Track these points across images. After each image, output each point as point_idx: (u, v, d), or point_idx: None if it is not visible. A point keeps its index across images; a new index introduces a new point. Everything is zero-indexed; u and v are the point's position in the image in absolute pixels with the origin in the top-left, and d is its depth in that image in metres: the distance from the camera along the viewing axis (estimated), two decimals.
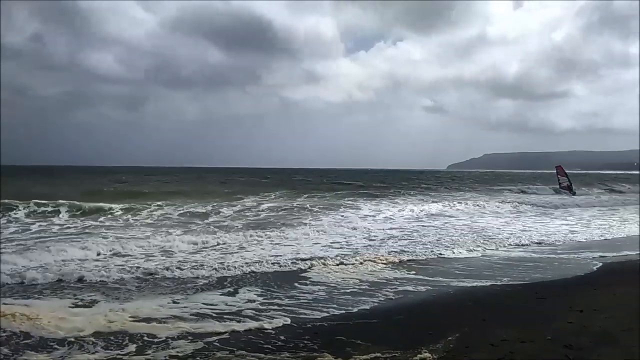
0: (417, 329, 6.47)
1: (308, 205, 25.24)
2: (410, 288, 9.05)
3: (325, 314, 7.32)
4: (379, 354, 5.49)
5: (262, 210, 22.80)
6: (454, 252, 13.04)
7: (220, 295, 8.49)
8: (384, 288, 9.00)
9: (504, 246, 14.29)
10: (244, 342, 6.07)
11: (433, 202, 30.19)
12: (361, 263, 11.25)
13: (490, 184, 57.18)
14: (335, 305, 7.79)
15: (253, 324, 6.73)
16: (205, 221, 18.99)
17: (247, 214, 21.64)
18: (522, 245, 14.64)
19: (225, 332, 6.40)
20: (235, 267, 10.52)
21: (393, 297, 8.40)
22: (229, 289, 8.88)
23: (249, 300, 8.13)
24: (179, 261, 11.10)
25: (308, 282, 9.53)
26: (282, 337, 6.22)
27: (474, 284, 9.44)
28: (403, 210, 24.45)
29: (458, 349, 5.58)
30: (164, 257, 11.55)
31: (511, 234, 17.11)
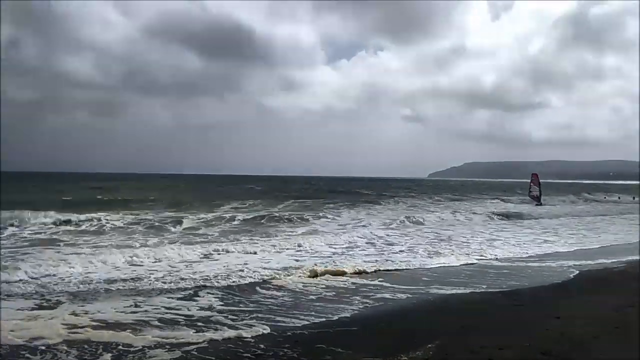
0: (397, 337, 6.46)
1: (286, 214, 25.19)
2: (387, 296, 9.05)
3: (305, 322, 7.25)
4: None
5: (238, 218, 22.55)
6: (429, 260, 13.08)
7: (182, 300, 8.44)
8: (362, 296, 8.97)
9: (476, 254, 14.28)
10: (223, 351, 5.97)
11: (411, 209, 30.51)
12: (333, 273, 11.03)
13: (468, 193, 57.96)
14: (314, 313, 7.73)
15: (231, 333, 6.63)
16: (178, 229, 18.82)
17: (222, 221, 21.36)
18: (494, 254, 14.55)
19: (203, 341, 6.29)
20: (198, 274, 10.44)
21: (373, 305, 8.38)
22: (190, 294, 8.86)
23: (211, 306, 8.06)
24: (147, 269, 10.94)
25: (271, 288, 9.51)
26: (261, 346, 6.13)
27: (453, 291, 9.48)
28: (380, 219, 24.62)
29: (438, 356, 5.58)
30: (129, 266, 11.38)
31: (482, 242, 17.31)
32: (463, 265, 12.63)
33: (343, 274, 10.96)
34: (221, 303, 8.35)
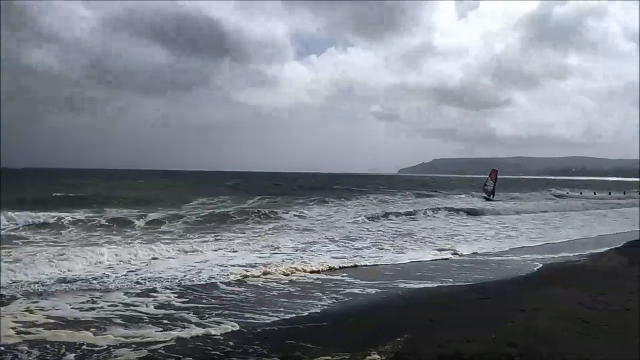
0: (366, 331, 6.49)
1: (254, 210, 24.89)
2: (356, 291, 9.10)
3: (275, 318, 7.22)
4: (328, 357, 5.47)
5: (204, 214, 22.03)
6: (397, 255, 13.19)
7: (140, 297, 8.33)
8: (331, 292, 8.97)
9: (443, 249, 14.37)
10: (191, 349, 5.89)
11: (381, 205, 30.77)
12: (301, 269, 10.92)
13: (436, 189, 58.78)
14: (283, 309, 7.71)
15: (199, 330, 6.55)
16: (141, 223, 18.53)
17: (187, 217, 20.72)
18: (459, 248, 14.51)
19: (170, 339, 6.19)
20: (157, 271, 10.28)
21: (342, 301, 8.40)
22: (148, 290, 8.76)
23: (170, 303, 7.98)
24: (104, 267, 10.72)
25: (234, 284, 9.44)
26: (231, 343, 6.08)
27: (420, 286, 9.60)
28: (349, 214, 24.73)
29: (406, 350, 5.63)
30: (87, 263, 11.02)
31: (447, 237, 17.59)
32: (429, 260, 12.77)
33: (311, 270, 10.90)
34: (184, 299, 8.24)
